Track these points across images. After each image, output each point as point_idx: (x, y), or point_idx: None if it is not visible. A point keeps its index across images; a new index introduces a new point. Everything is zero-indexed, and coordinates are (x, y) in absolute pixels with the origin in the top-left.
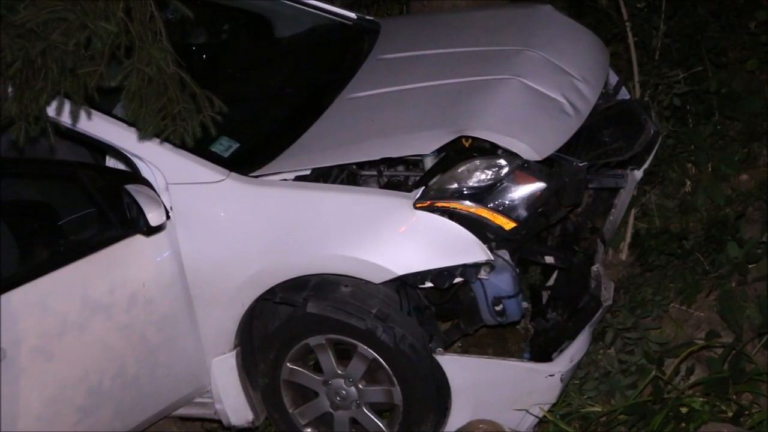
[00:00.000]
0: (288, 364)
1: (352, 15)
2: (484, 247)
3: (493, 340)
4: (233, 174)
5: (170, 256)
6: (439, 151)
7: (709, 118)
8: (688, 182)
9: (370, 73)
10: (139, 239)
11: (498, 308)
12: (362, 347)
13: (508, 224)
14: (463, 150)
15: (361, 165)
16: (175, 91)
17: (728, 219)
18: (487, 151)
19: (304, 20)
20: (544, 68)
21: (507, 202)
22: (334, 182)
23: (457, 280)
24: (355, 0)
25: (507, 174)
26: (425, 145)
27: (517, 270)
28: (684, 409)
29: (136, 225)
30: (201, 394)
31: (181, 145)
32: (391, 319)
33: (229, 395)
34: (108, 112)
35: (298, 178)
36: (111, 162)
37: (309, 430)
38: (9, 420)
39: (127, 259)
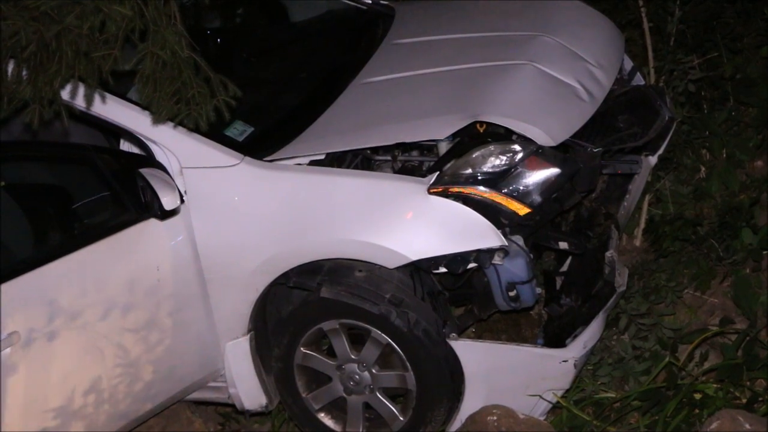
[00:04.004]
0: (301, 349)
1: None
2: (498, 232)
3: (506, 325)
4: (247, 158)
5: (184, 240)
6: (453, 136)
7: (723, 104)
8: (703, 168)
9: (385, 58)
10: (153, 223)
11: (512, 294)
12: (376, 332)
13: (523, 209)
14: (477, 135)
15: (376, 150)
16: (189, 75)
17: (743, 205)
18: (502, 136)
19: (318, 4)
20: (559, 53)
21: (521, 188)
22: (348, 167)
23: (471, 265)
24: None
25: (521, 159)
26: (440, 130)
27: (531, 255)
28: (698, 396)
29: (151, 209)
30: (215, 378)
31: (195, 129)
32: (405, 304)
33: (243, 379)
34: (122, 95)
35: (313, 163)
36: (125, 146)
37: (322, 414)
38: (27, 400)
39: (141, 243)
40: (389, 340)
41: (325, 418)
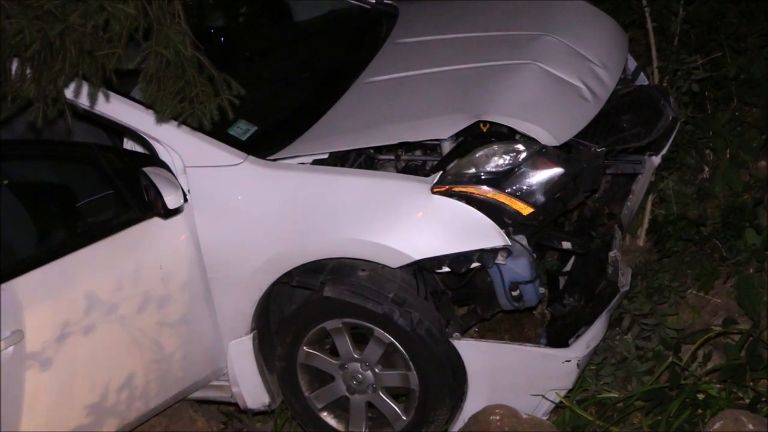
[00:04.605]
0: (304, 348)
1: None
2: (502, 232)
3: (509, 325)
4: (251, 157)
5: (187, 239)
6: (457, 135)
7: (727, 104)
8: (706, 168)
9: (389, 57)
10: (156, 222)
11: (515, 293)
12: (379, 331)
13: (526, 209)
14: (480, 135)
15: (379, 149)
16: (192, 73)
17: (746, 205)
18: (505, 136)
19: (322, 4)
20: (562, 53)
21: (525, 188)
22: (351, 166)
23: (474, 265)
24: None
25: (525, 159)
26: (443, 129)
27: (534, 255)
28: (701, 396)
29: (154, 207)
30: (218, 377)
31: (199, 128)
32: (408, 303)
33: (246, 378)
34: (126, 94)
35: (316, 162)
36: (129, 144)
37: (325, 413)
38: (30, 399)
39: (144, 242)
40: (392, 339)
41: (327, 418)
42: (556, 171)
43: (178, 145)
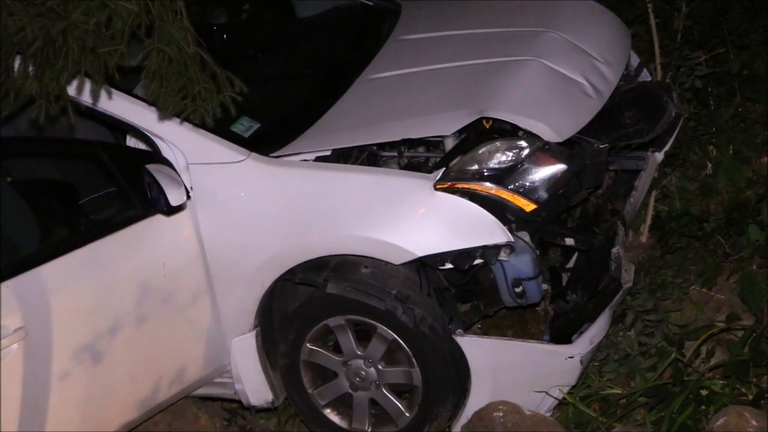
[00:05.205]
0: (308, 345)
1: None
2: (505, 228)
3: (512, 321)
4: (253, 154)
5: (190, 235)
6: (459, 132)
7: (730, 100)
8: (709, 164)
9: (391, 54)
10: (159, 219)
11: (518, 290)
12: (382, 328)
13: (529, 206)
14: (483, 131)
15: (382, 146)
16: (195, 70)
17: (749, 201)
18: (508, 132)
19: (325, 0)
20: (565, 49)
21: (527, 184)
22: (354, 163)
23: (477, 261)
24: None
25: (528, 155)
26: (446, 126)
27: (537, 252)
28: (704, 392)
29: (157, 205)
30: (221, 374)
31: (202, 125)
32: (411, 300)
33: (249, 375)
34: (128, 91)
35: (319, 159)
36: (132, 142)
37: (328, 410)
38: (33, 396)
39: (147, 239)
40: (395, 336)
41: (331, 414)
42: (559, 167)
43: (181, 143)
